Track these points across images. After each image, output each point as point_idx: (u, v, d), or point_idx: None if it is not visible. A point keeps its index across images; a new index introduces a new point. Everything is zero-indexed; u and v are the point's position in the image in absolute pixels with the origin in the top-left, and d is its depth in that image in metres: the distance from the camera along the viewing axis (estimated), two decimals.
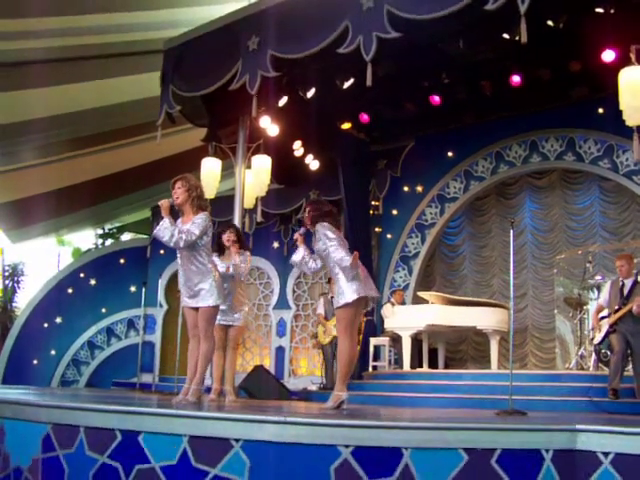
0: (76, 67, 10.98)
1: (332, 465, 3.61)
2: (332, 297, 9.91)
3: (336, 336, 9.77)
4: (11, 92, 11.01)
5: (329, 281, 10.40)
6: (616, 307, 7.58)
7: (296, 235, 5.98)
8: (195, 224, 5.53)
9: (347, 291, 5.60)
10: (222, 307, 6.83)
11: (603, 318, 7.82)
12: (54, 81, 11.02)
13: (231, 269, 7.04)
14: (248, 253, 7.30)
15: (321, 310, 10.42)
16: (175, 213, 5.76)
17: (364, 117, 11.66)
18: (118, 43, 10.68)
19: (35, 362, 13.95)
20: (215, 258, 6.86)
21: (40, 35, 10.06)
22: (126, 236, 18.89)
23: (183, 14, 10.56)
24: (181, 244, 5.48)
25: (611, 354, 7.59)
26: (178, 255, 5.71)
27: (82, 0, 9.86)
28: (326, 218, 5.90)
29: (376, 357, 11.30)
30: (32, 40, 10.16)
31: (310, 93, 9.72)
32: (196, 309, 5.70)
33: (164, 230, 5.50)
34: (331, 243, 5.70)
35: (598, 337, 7.89)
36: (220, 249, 7.18)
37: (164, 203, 5.58)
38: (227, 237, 7.17)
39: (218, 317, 6.95)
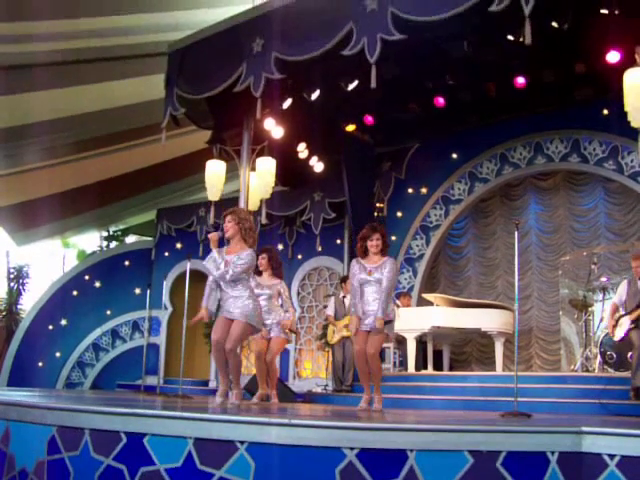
0: (80, 70, 11.00)
1: (337, 467, 3.60)
2: (344, 297, 9.97)
3: (345, 336, 9.86)
4: (16, 95, 11.04)
5: (342, 280, 10.32)
6: (636, 304, 7.57)
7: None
8: (242, 260, 5.85)
9: (390, 326, 6.28)
10: (265, 322, 7.27)
11: (621, 316, 7.81)
12: (58, 84, 11.05)
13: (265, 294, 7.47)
14: (278, 282, 7.66)
15: (331, 311, 10.24)
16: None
17: (368, 119, 11.66)
18: (122, 46, 10.70)
19: (40, 364, 13.98)
20: (254, 280, 7.30)
21: (44, 38, 10.09)
22: (131, 238, 18.89)
23: (187, 17, 10.58)
24: (227, 277, 5.83)
25: (632, 352, 7.61)
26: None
27: (86, 3, 9.89)
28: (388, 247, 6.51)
29: (381, 359, 11.27)
30: (36, 43, 10.19)
31: (314, 95, 9.72)
32: (231, 322, 5.95)
33: (212, 263, 5.89)
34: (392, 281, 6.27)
35: (619, 333, 7.85)
36: (258, 271, 7.56)
37: (213, 236, 6.00)
38: (259, 262, 7.50)
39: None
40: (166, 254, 15.05)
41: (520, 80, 10.11)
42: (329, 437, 3.64)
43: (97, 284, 14.89)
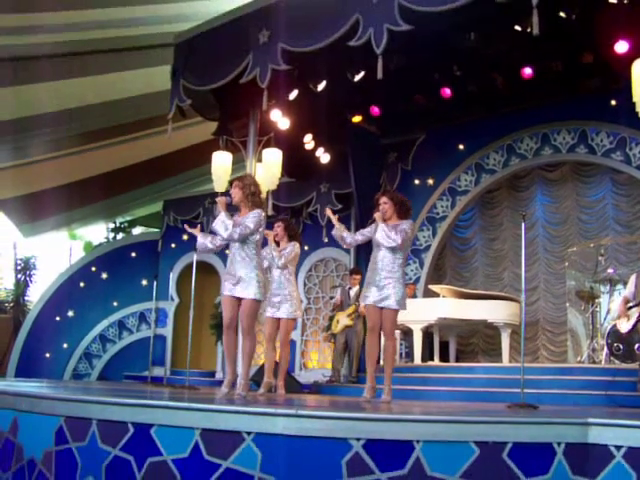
0: (86, 61, 11.00)
1: (344, 458, 3.61)
2: (349, 288, 10.03)
3: (347, 325, 9.90)
4: (22, 86, 11.05)
5: (351, 272, 10.40)
6: None
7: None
8: (250, 219, 5.83)
9: (404, 298, 6.22)
10: (273, 300, 7.17)
11: (630, 308, 7.83)
12: (64, 75, 11.05)
13: (275, 258, 7.38)
14: (295, 243, 7.62)
15: (337, 302, 10.42)
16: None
17: (375, 110, 11.62)
18: (128, 37, 10.69)
19: (47, 355, 14.03)
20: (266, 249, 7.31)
21: (50, 30, 10.08)
22: (137, 230, 18.94)
23: (193, 7, 10.55)
24: (235, 236, 5.78)
25: (638, 345, 7.62)
26: (230, 246, 6.02)
27: None
28: (409, 212, 6.44)
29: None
30: (42, 35, 10.19)
31: (321, 86, 9.70)
32: (237, 300, 5.88)
33: (220, 224, 5.82)
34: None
35: (627, 325, 7.88)
36: (277, 242, 7.61)
37: (221, 200, 5.94)
38: (274, 232, 7.56)
39: (268, 310, 7.24)
40: (173, 245, 15.07)
41: (527, 71, 10.07)
42: (335, 428, 3.65)
43: (104, 275, 14.93)
